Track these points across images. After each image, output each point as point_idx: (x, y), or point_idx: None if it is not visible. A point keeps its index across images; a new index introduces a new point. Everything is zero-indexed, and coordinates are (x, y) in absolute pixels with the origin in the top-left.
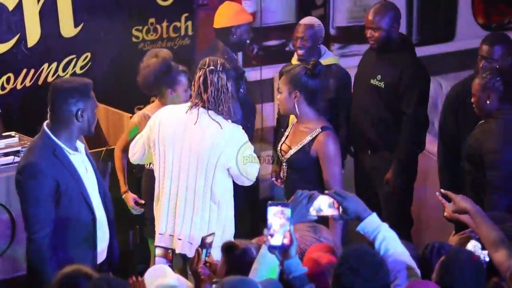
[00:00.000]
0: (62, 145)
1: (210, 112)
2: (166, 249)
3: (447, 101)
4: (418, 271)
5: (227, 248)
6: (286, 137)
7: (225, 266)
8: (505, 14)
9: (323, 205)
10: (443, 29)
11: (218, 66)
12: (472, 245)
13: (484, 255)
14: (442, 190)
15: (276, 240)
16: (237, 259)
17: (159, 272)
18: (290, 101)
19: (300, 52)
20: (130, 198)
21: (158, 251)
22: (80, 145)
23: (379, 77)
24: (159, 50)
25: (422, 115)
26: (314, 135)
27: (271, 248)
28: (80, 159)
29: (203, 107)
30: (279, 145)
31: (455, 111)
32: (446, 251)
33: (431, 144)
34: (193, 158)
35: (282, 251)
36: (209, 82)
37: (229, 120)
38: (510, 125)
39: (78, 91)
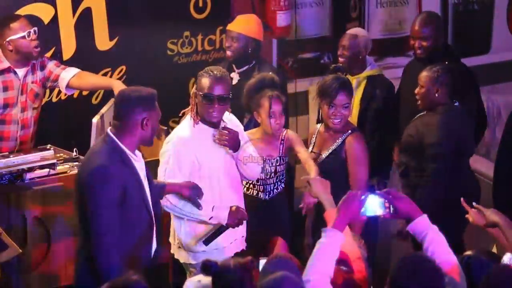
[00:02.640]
0: (128, 151)
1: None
2: None
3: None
4: (463, 276)
5: (203, 267)
6: (313, 145)
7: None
8: None
9: (375, 204)
10: (478, 41)
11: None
12: (508, 258)
13: None
14: (474, 204)
15: None
16: (217, 277)
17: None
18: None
19: (343, 61)
20: None
21: None
22: (139, 153)
23: None
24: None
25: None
26: (344, 137)
27: None
28: (140, 166)
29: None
30: (311, 150)
31: None
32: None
33: (480, 164)
34: None
35: None
36: None
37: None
38: (452, 119)
39: (144, 100)
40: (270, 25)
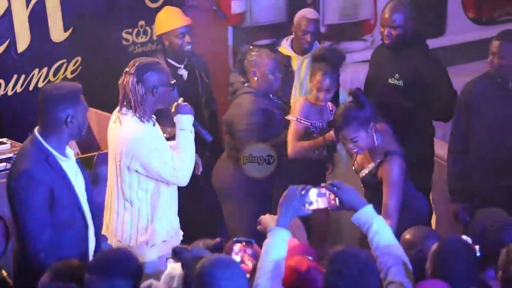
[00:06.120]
0: (54, 152)
1: (125, 112)
2: None
3: (461, 98)
4: (410, 267)
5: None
6: (355, 159)
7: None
8: (495, 8)
9: (317, 197)
10: (433, 24)
11: (132, 67)
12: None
13: (475, 249)
14: None
15: None
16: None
17: None
18: (370, 137)
19: (307, 45)
20: None
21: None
22: (70, 151)
23: (396, 76)
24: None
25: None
26: (378, 162)
27: None
28: (70, 165)
29: (122, 108)
30: (353, 162)
31: (467, 109)
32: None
33: (440, 149)
34: (111, 160)
35: None
36: (123, 84)
37: (150, 121)
38: None
39: (67, 97)
40: (224, 12)
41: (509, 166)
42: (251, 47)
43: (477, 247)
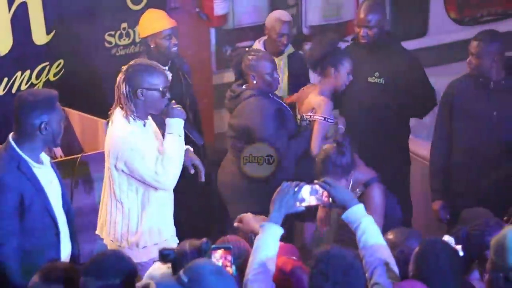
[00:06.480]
0: (27, 158)
1: (118, 112)
2: None
3: (444, 98)
4: (396, 268)
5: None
6: None
7: None
8: (477, 8)
9: (309, 194)
10: (415, 24)
11: (125, 67)
12: (446, 239)
13: (458, 249)
14: None
15: None
16: (176, 263)
17: None
18: (348, 184)
19: (283, 48)
20: None
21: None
22: (45, 157)
23: (376, 74)
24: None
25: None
26: (359, 192)
27: None
28: (44, 172)
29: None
30: None
31: (450, 108)
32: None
33: (420, 147)
34: (106, 159)
35: None
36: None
37: (137, 120)
38: None
39: (42, 104)
40: (207, 14)
41: (492, 165)
42: (247, 49)
43: (459, 247)
